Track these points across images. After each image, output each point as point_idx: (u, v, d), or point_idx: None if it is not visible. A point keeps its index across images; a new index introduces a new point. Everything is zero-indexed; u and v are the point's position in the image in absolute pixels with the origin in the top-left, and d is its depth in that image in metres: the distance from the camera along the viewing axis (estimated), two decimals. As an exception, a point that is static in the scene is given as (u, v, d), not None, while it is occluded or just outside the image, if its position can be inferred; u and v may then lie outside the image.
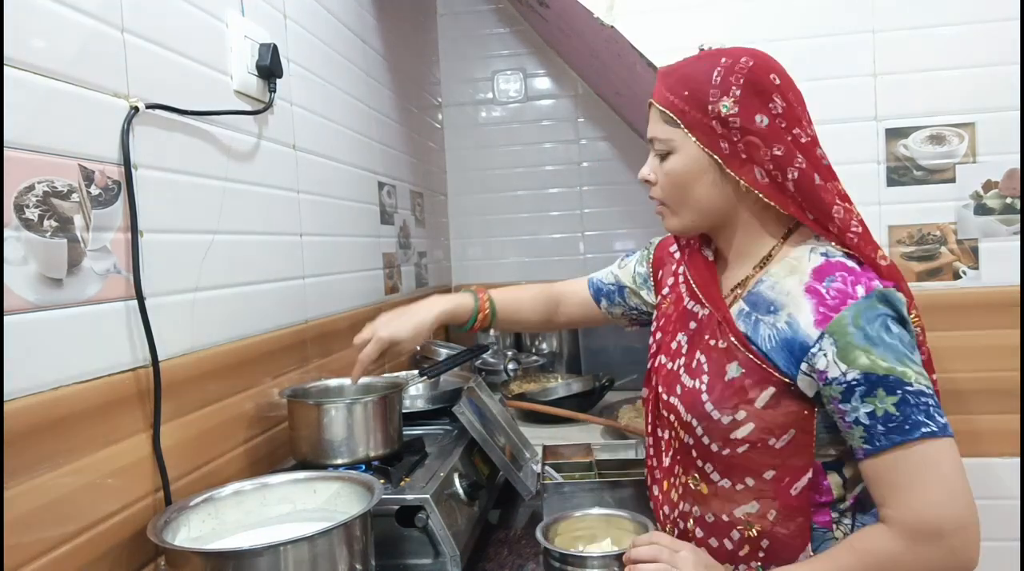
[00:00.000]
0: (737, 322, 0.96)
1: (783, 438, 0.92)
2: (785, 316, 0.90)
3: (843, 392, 0.85)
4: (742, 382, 0.93)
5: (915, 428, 0.82)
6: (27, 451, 0.77)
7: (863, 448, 0.86)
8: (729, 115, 0.91)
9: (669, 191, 0.99)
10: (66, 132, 0.86)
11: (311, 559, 0.81)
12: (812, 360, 0.87)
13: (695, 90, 0.93)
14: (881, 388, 0.83)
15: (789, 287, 0.92)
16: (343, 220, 1.73)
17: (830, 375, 0.85)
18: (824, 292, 0.88)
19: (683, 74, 0.96)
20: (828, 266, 0.90)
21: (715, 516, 0.98)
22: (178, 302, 1.07)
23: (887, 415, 0.83)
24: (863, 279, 0.88)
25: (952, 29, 1.55)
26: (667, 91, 0.96)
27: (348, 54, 1.81)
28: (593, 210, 2.79)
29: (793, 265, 0.94)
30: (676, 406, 1.01)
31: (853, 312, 0.85)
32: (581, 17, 1.75)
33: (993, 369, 1.56)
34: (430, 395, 1.56)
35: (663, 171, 0.98)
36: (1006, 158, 1.55)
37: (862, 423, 0.85)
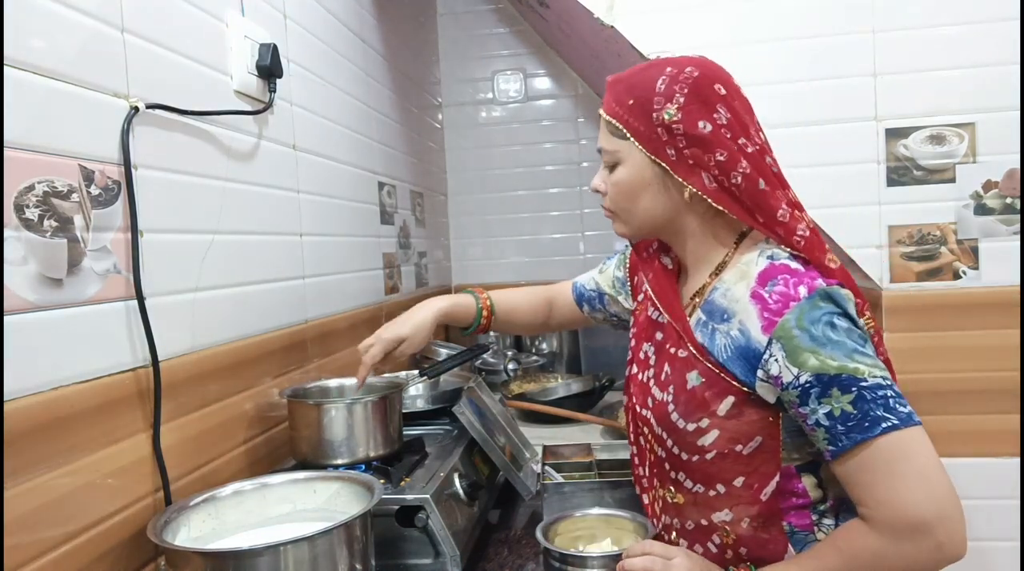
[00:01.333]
0: (696, 332, 0.96)
1: (750, 445, 0.91)
2: (737, 324, 0.90)
3: (799, 395, 0.84)
4: (703, 392, 0.92)
5: (875, 424, 0.81)
6: (27, 451, 0.77)
7: (828, 450, 0.85)
8: (673, 122, 0.91)
9: (617, 201, 1.00)
10: (66, 132, 0.86)
11: (311, 559, 0.81)
12: (766, 367, 0.86)
13: (640, 98, 0.93)
14: (835, 387, 0.82)
15: (739, 294, 0.91)
16: (343, 220, 1.73)
17: (784, 380, 0.85)
18: (767, 297, 0.87)
19: (629, 83, 0.96)
20: (772, 269, 0.90)
21: (695, 523, 0.98)
22: (178, 302, 1.07)
23: (845, 414, 0.82)
24: (805, 279, 0.87)
25: (952, 29, 1.55)
26: (613, 101, 0.97)
27: (348, 54, 1.81)
28: (593, 210, 2.79)
29: (743, 270, 0.93)
30: (648, 419, 1.02)
31: (796, 314, 0.85)
32: (581, 17, 1.75)
33: (993, 369, 1.56)
34: (430, 395, 1.56)
35: (611, 181, 0.99)
36: (1006, 158, 1.55)
37: (823, 424, 0.84)
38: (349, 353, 1.71)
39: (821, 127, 1.57)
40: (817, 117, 1.58)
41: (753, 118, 0.95)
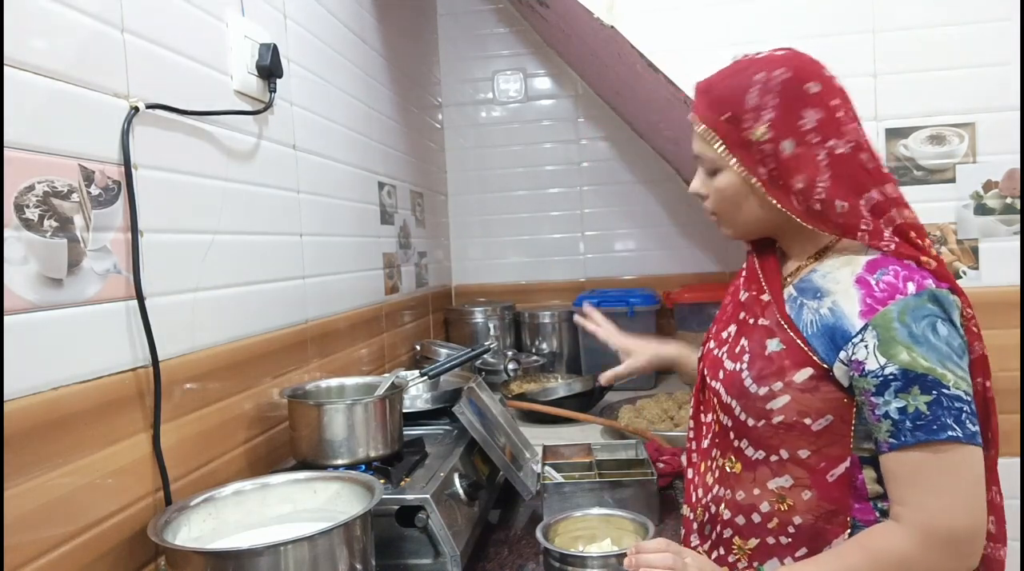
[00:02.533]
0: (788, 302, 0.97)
1: (819, 422, 0.92)
2: (829, 303, 0.91)
3: (878, 385, 0.85)
4: (782, 358, 0.94)
5: (942, 429, 0.82)
6: (27, 451, 0.77)
7: (888, 442, 0.86)
8: (762, 142, 0.91)
9: (721, 206, 1.00)
10: (66, 132, 0.86)
11: (311, 559, 0.81)
12: (852, 350, 0.87)
13: (733, 114, 0.93)
14: (917, 386, 0.83)
15: (841, 277, 0.92)
16: (343, 220, 1.73)
17: (867, 367, 0.86)
18: (873, 284, 0.88)
19: (719, 95, 0.95)
20: (883, 260, 0.91)
21: (746, 493, 0.98)
22: (178, 302, 1.07)
23: (918, 412, 0.83)
24: (916, 277, 0.88)
25: (952, 29, 1.55)
26: (707, 110, 0.96)
27: (348, 54, 1.81)
28: (593, 210, 2.79)
29: (848, 258, 0.94)
30: (718, 390, 1.03)
31: (900, 307, 0.86)
32: (581, 17, 1.75)
33: (993, 369, 1.56)
34: (430, 395, 1.55)
35: (713, 187, 0.99)
36: (1006, 158, 1.55)
37: (891, 417, 0.85)
38: (349, 353, 1.71)
39: (821, 127, 1.57)
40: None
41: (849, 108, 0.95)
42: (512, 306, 2.65)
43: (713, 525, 1.04)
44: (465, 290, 2.85)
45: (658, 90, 1.77)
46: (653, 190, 2.74)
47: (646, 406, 1.94)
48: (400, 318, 2.14)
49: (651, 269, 2.74)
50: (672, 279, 2.68)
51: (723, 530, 1.02)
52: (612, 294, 2.54)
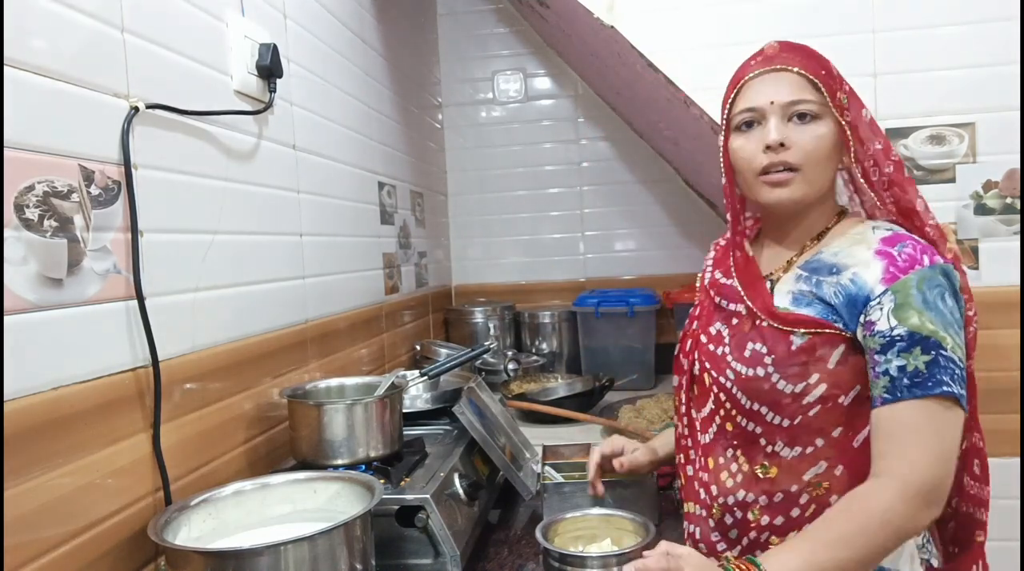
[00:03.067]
0: (798, 285, 1.01)
1: (850, 394, 0.96)
2: (850, 274, 0.96)
3: (883, 345, 0.91)
4: (813, 347, 0.96)
5: (937, 385, 0.88)
6: (27, 451, 0.77)
7: (883, 397, 0.91)
8: (846, 107, 0.99)
9: (815, 156, 0.98)
10: (66, 132, 0.86)
11: (311, 559, 0.81)
12: (868, 312, 0.93)
13: (830, 72, 1.00)
14: (919, 347, 0.89)
15: (856, 253, 0.97)
16: (343, 220, 1.73)
17: (877, 327, 0.91)
18: (896, 255, 0.94)
19: (811, 53, 1.01)
20: (898, 236, 0.97)
21: (784, 494, 0.99)
22: (178, 302, 1.07)
23: (916, 371, 0.89)
24: (930, 251, 0.95)
25: (952, 29, 1.55)
26: (805, 62, 1.00)
27: (348, 54, 1.81)
28: (593, 210, 2.79)
29: (857, 238, 1.00)
30: (732, 392, 1.02)
31: (919, 277, 0.91)
32: (581, 17, 1.75)
33: (993, 369, 1.56)
34: (430, 395, 1.56)
35: (808, 135, 0.98)
36: (1006, 158, 1.55)
37: (890, 374, 0.90)
38: (349, 353, 1.71)
39: (821, 127, 1.57)
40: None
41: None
42: (512, 306, 2.65)
43: (742, 530, 1.04)
44: (465, 290, 2.85)
45: (658, 90, 1.77)
46: (653, 190, 2.74)
47: (646, 406, 1.94)
48: (400, 318, 2.14)
49: (651, 269, 2.74)
50: (672, 279, 2.68)
51: (758, 534, 1.02)
52: (612, 294, 2.54)
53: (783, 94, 0.98)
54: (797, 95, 0.98)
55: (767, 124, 0.99)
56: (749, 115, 1.01)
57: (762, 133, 0.99)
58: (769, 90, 0.99)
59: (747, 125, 1.02)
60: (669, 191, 2.72)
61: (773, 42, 1.03)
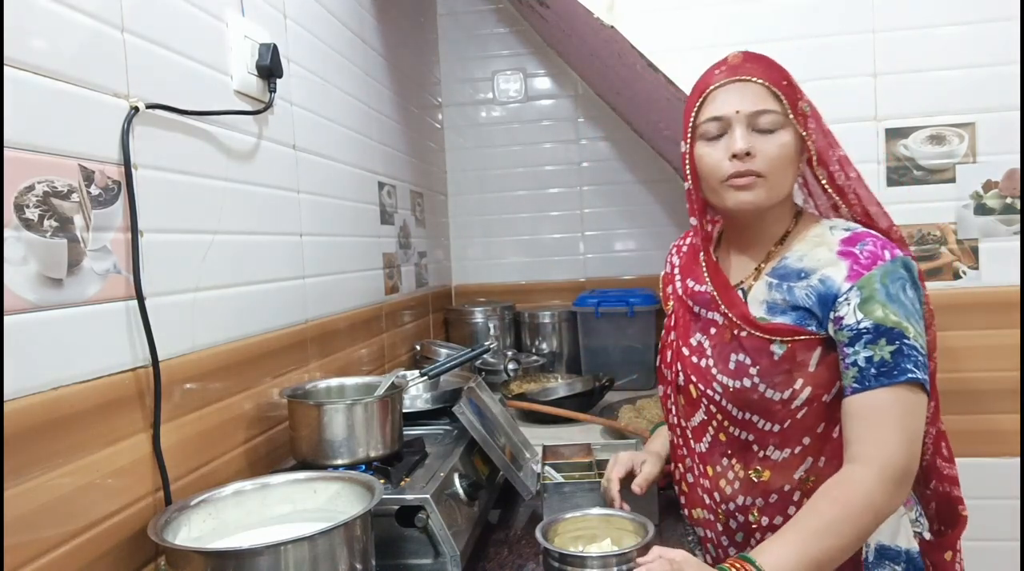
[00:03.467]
0: (772, 294, 1.04)
1: (832, 391, 1.00)
2: (818, 276, 1.00)
3: (851, 337, 0.95)
4: (792, 355, 1.00)
5: (902, 373, 0.93)
6: (27, 451, 0.77)
7: (852, 386, 0.95)
8: (807, 115, 1.03)
9: (777, 165, 1.01)
10: (66, 132, 0.86)
11: (311, 559, 0.81)
12: (836, 308, 0.97)
13: (790, 83, 1.02)
14: (884, 338, 0.94)
15: (820, 256, 1.01)
16: (343, 220, 1.73)
17: (845, 321, 0.96)
18: (858, 253, 0.98)
19: (771, 64, 1.03)
20: (857, 236, 1.01)
21: (778, 494, 1.03)
22: (178, 302, 1.07)
23: (882, 361, 0.94)
24: (889, 246, 1.00)
25: (952, 29, 1.55)
26: (766, 72, 1.01)
27: (348, 54, 1.81)
28: (593, 210, 2.79)
29: (817, 241, 1.04)
30: (721, 403, 1.06)
31: (882, 272, 0.96)
32: (581, 17, 1.75)
33: (993, 369, 1.56)
34: (430, 395, 1.55)
35: (772, 144, 1.01)
36: (1006, 158, 1.55)
37: (859, 365, 0.95)
38: (349, 353, 1.71)
39: (821, 127, 1.57)
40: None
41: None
42: (512, 306, 2.65)
43: (747, 533, 1.07)
44: (465, 290, 2.85)
45: (658, 90, 1.77)
46: (653, 190, 2.74)
47: (646, 406, 1.94)
48: (400, 318, 2.14)
49: (651, 269, 2.74)
50: (672, 279, 2.67)
51: (762, 535, 1.05)
52: (612, 294, 2.54)
53: (748, 104, 1.00)
54: (761, 105, 1.00)
55: (733, 133, 1.01)
56: (715, 124, 1.03)
57: (728, 142, 1.01)
58: (734, 99, 1.01)
59: (713, 133, 1.03)
60: (669, 191, 2.72)
61: (737, 52, 1.05)
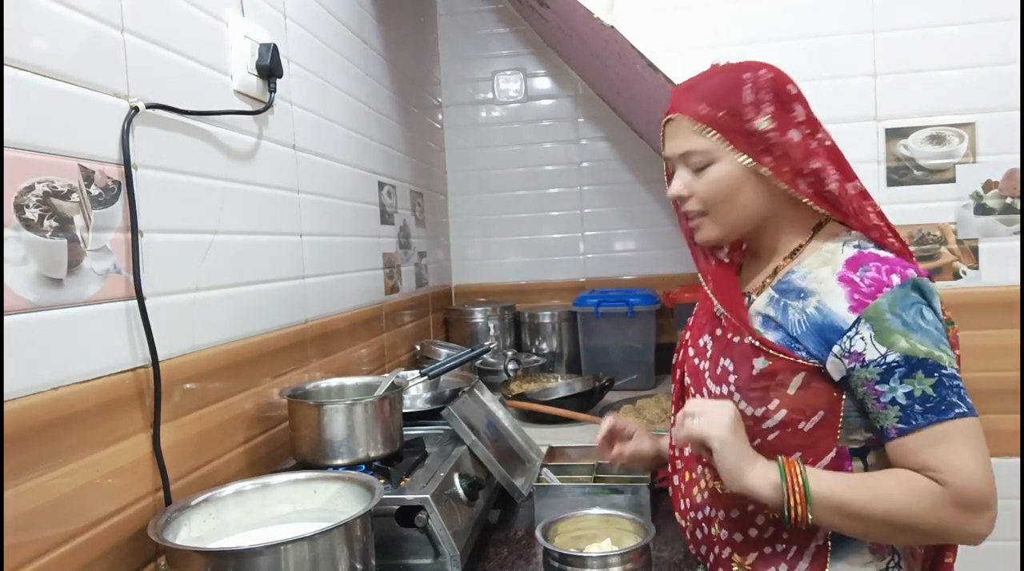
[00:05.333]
0: (767, 309, 0.99)
1: (812, 420, 0.94)
2: (815, 302, 0.94)
3: (882, 373, 0.88)
4: (773, 373, 0.94)
5: (950, 408, 0.86)
6: (27, 451, 0.77)
7: (897, 428, 0.88)
8: (768, 132, 0.95)
9: (714, 199, 1.00)
10: (66, 132, 0.86)
11: (312, 559, 0.81)
12: (847, 344, 0.90)
13: (731, 107, 0.96)
14: (920, 371, 0.87)
15: (822, 276, 0.95)
16: (343, 220, 1.73)
17: (867, 357, 0.88)
18: (858, 281, 0.91)
19: (710, 92, 0.97)
20: (862, 257, 0.94)
21: (740, 510, 0.99)
22: (178, 302, 1.07)
23: (925, 396, 0.86)
24: (897, 268, 0.92)
25: (952, 29, 1.55)
26: (697, 106, 0.97)
27: (348, 54, 1.81)
28: (593, 210, 2.79)
29: (827, 257, 0.97)
30: None
31: (889, 299, 0.89)
32: (581, 17, 1.75)
33: (993, 369, 1.56)
34: (430, 395, 1.56)
35: (704, 182, 0.99)
36: (1006, 158, 1.55)
37: (899, 403, 0.87)
38: (349, 353, 1.71)
39: (821, 127, 1.57)
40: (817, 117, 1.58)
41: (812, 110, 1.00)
42: (512, 306, 2.65)
43: (709, 546, 1.04)
44: (465, 290, 2.85)
45: (658, 90, 1.77)
46: (653, 190, 2.74)
47: (646, 406, 1.94)
48: (400, 318, 2.14)
49: (651, 269, 2.74)
50: (672, 279, 2.68)
51: (721, 550, 1.02)
52: (612, 294, 2.54)
53: (678, 145, 1.00)
54: (687, 146, 0.99)
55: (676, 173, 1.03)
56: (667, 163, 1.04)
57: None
58: (670, 141, 1.02)
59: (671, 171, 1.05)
60: (669, 191, 2.72)
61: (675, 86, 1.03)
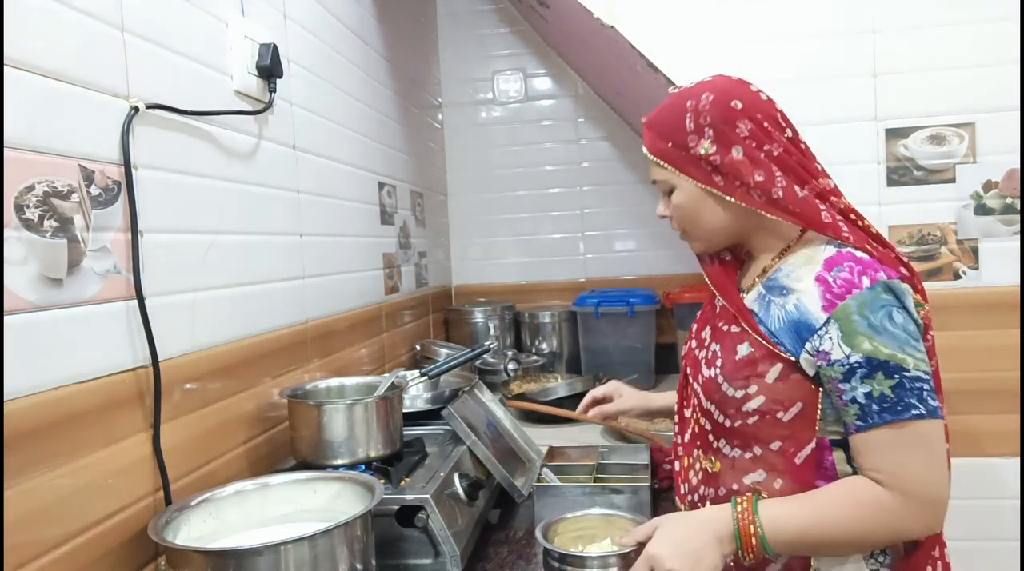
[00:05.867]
0: (753, 305, 1.03)
1: (791, 411, 0.97)
2: (794, 300, 0.98)
3: (844, 373, 0.91)
4: (753, 360, 0.99)
5: (907, 409, 0.89)
6: (27, 451, 0.77)
7: (855, 424, 0.92)
8: (710, 155, 1.00)
9: (683, 222, 1.09)
10: (66, 132, 0.86)
11: (312, 559, 0.81)
12: (817, 342, 0.93)
13: (676, 140, 1.03)
14: (881, 372, 0.90)
15: (802, 274, 0.99)
16: (343, 220, 1.73)
17: (833, 357, 0.92)
18: (831, 281, 0.95)
19: (661, 126, 1.06)
20: (839, 257, 0.97)
21: (727, 489, 1.03)
22: (178, 302, 1.07)
23: (882, 396, 0.90)
24: (869, 270, 0.94)
25: (952, 29, 1.55)
26: (653, 142, 1.07)
27: (348, 54, 1.81)
28: (593, 210, 2.79)
29: (809, 256, 1.01)
30: (698, 392, 1.09)
31: (858, 302, 0.92)
32: (581, 17, 1.75)
33: (993, 369, 1.56)
34: (430, 395, 1.56)
35: (672, 207, 1.08)
36: (1006, 158, 1.55)
37: (858, 402, 0.91)
38: (349, 353, 1.71)
39: (821, 127, 1.57)
40: (817, 117, 1.58)
41: (774, 116, 1.02)
42: (512, 306, 2.65)
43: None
44: (465, 290, 2.85)
45: (658, 90, 1.77)
46: (653, 190, 2.73)
47: (646, 406, 1.94)
48: (400, 318, 2.14)
49: (651, 269, 2.74)
50: (672, 279, 2.68)
51: None
52: (612, 294, 2.54)
53: (650, 174, 1.10)
54: (653, 175, 1.09)
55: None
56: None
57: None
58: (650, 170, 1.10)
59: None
60: (669, 191, 2.72)
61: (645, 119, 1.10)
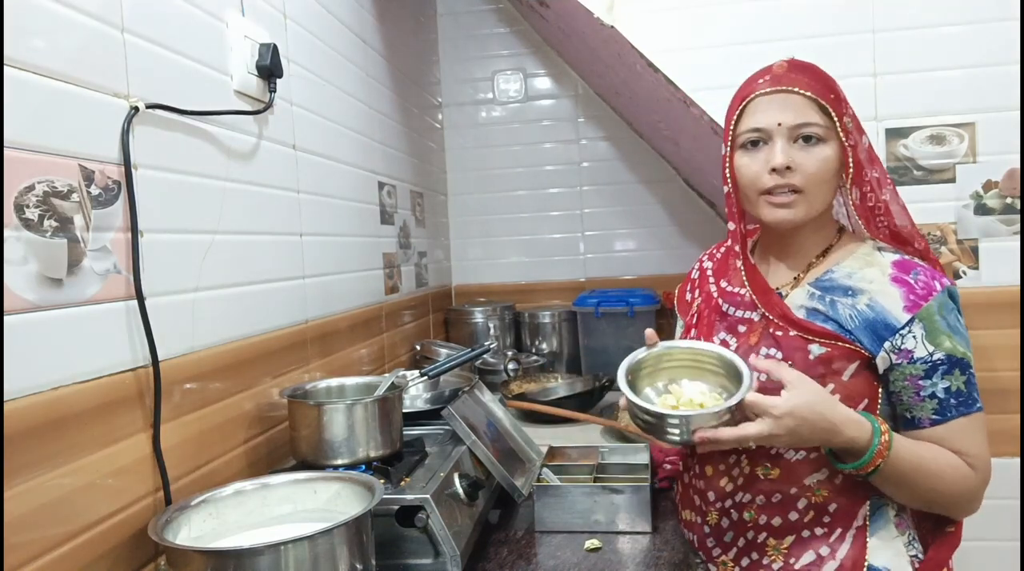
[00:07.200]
0: (811, 302, 1.04)
1: (860, 406, 1.01)
2: (866, 299, 1.01)
3: (927, 370, 0.98)
4: (830, 359, 1.00)
5: (974, 403, 1.00)
6: (27, 451, 0.77)
7: (931, 418, 0.99)
8: (851, 131, 1.00)
9: (817, 178, 1.00)
10: (66, 132, 0.86)
11: (312, 559, 0.81)
12: (899, 341, 0.99)
13: (838, 96, 1.00)
14: (957, 368, 0.98)
15: (871, 276, 1.02)
16: (343, 220, 1.73)
17: (916, 354, 0.98)
18: (913, 283, 1.00)
19: (819, 75, 1.01)
20: (907, 262, 1.03)
21: (782, 494, 1.03)
22: (178, 302, 1.07)
23: (959, 391, 0.99)
24: (938, 275, 1.02)
25: (952, 29, 1.55)
26: (812, 84, 0.99)
27: (348, 54, 1.81)
28: (593, 210, 2.79)
29: (867, 260, 1.04)
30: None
31: (938, 303, 0.98)
32: (581, 17, 1.75)
33: (993, 369, 1.56)
34: (430, 395, 1.55)
35: (813, 158, 0.99)
36: (1006, 158, 1.55)
37: (938, 396, 0.98)
38: (349, 353, 1.71)
39: (821, 127, 1.57)
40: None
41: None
42: (512, 306, 2.65)
43: (738, 531, 1.06)
44: (465, 290, 2.85)
45: (658, 90, 1.77)
46: (653, 190, 2.74)
47: (646, 406, 1.94)
48: (400, 318, 2.14)
49: (651, 269, 2.74)
50: (672, 279, 2.66)
51: (755, 535, 1.04)
52: (612, 294, 2.54)
53: (790, 116, 0.99)
54: (803, 118, 0.99)
55: (773, 145, 1.00)
56: (755, 135, 1.02)
57: (768, 153, 1.00)
58: (776, 111, 0.99)
59: (753, 143, 1.02)
60: (669, 191, 2.72)
61: (782, 61, 1.03)
